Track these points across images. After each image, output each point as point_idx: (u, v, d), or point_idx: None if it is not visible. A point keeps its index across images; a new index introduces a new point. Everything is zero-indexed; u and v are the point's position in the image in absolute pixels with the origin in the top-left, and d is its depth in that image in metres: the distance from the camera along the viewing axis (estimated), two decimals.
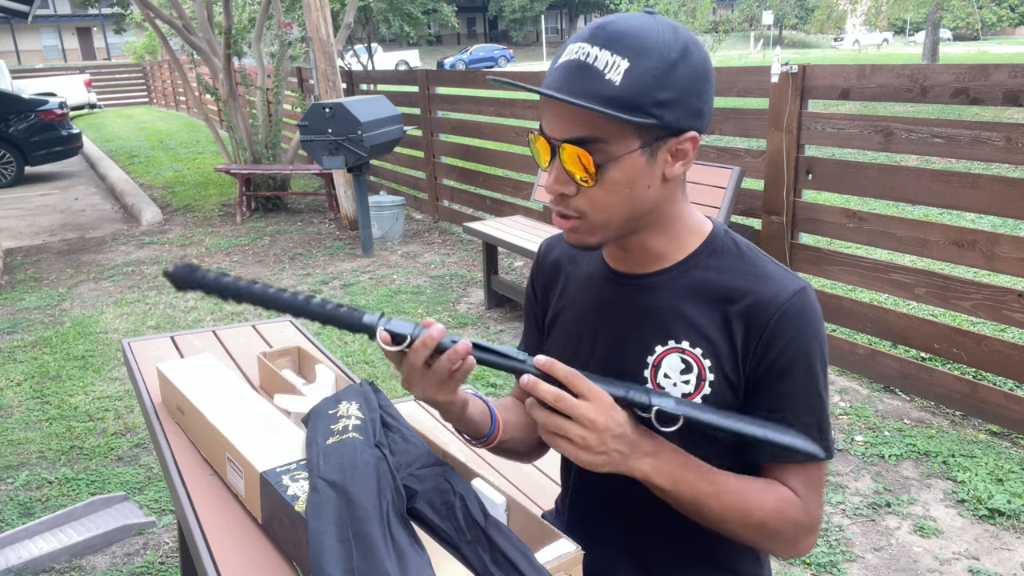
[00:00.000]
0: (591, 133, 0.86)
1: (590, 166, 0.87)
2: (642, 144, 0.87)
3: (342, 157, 5.21)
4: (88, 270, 5.72)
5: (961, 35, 38.28)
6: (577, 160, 0.87)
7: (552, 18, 49.61)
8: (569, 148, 0.87)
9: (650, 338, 0.98)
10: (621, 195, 0.90)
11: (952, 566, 2.24)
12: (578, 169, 0.88)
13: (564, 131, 0.87)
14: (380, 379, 3.57)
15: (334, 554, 0.91)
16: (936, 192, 2.98)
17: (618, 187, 0.89)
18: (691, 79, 0.87)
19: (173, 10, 7.83)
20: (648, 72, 0.84)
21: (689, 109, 0.87)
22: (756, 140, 3.82)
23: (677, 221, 0.98)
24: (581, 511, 1.13)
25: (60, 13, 38.53)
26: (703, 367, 0.96)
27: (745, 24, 34.20)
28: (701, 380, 0.96)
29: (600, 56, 0.84)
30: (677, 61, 0.85)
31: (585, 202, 0.91)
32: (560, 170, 0.90)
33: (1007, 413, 2.85)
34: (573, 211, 0.92)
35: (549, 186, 0.92)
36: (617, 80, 0.83)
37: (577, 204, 0.91)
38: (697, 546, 1.04)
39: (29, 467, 2.94)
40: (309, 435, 1.14)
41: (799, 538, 0.96)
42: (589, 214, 0.91)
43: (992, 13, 25.19)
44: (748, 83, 3.59)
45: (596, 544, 1.07)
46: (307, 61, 6.77)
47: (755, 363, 0.94)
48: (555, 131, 0.89)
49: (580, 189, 0.90)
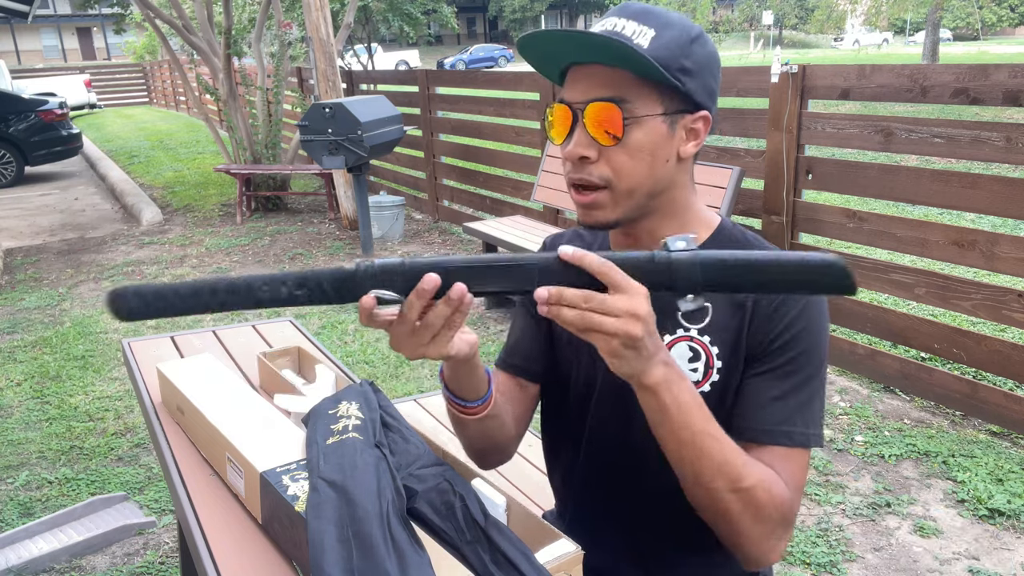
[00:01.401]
0: (617, 93, 0.88)
1: (618, 122, 0.88)
2: (663, 111, 0.90)
3: (342, 157, 5.21)
4: (88, 270, 5.72)
5: (961, 35, 38.28)
6: (603, 117, 0.88)
7: (552, 18, 49.60)
8: (596, 106, 0.89)
9: (659, 327, 0.98)
10: (644, 162, 0.90)
11: (952, 566, 2.24)
12: (604, 127, 0.89)
13: (589, 92, 0.89)
14: (380, 379, 3.57)
15: (334, 554, 0.90)
16: (936, 192, 2.98)
17: (641, 152, 0.90)
18: (707, 58, 0.92)
19: (173, 10, 7.83)
20: (673, 40, 0.89)
21: (704, 86, 0.91)
22: (756, 140, 3.82)
23: (688, 211, 0.99)
24: (582, 511, 1.13)
25: (60, 13, 38.53)
26: (711, 355, 0.96)
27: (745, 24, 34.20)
28: (709, 368, 0.96)
29: (628, 26, 0.89)
30: (696, 39, 0.91)
31: (608, 169, 0.91)
32: (583, 133, 0.90)
33: (1007, 413, 2.85)
34: (598, 178, 0.91)
35: (570, 152, 0.91)
36: (645, 44, 0.88)
37: (601, 171, 0.91)
38: (697, 546, 1.04)
39: (29, 467, 2.94)
40: (309, 435, 1.14)
41: (777, 530, 0.89)
42: (614, 182, 0.91)
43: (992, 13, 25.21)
44: (748, 83, 3.59)
45: (596, 544, 1.07)
46: (307, 61, 6.77)
47: (760, 348, 0.94)
48: (578, 95, 0.90)
49: (602, 153, 0.90)
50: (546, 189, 4.65)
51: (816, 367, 0.94)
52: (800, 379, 0.94)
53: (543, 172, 4.70)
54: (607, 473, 1.08)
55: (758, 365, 0.95)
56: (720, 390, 0.96)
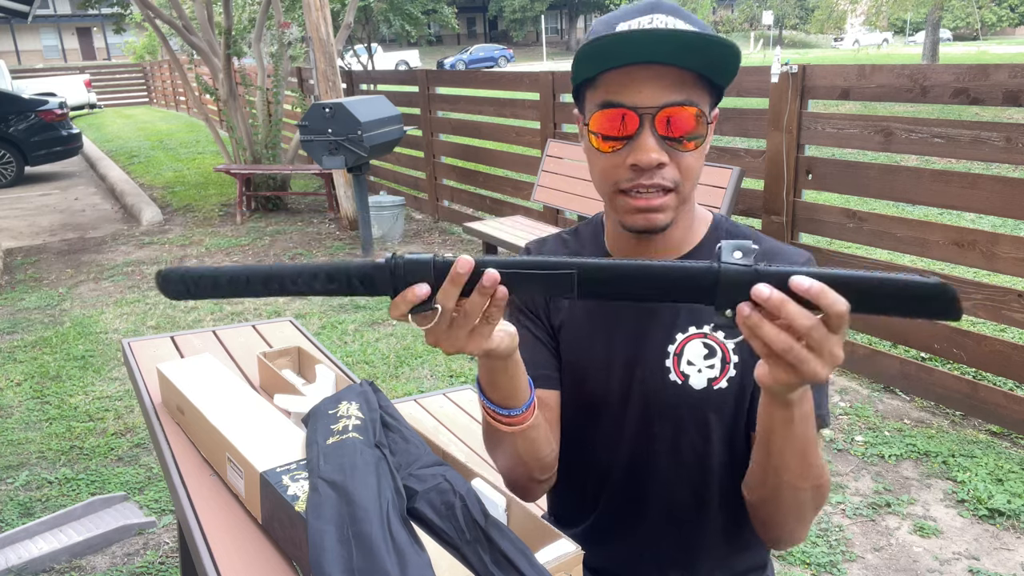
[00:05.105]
0: (689, 96, 0.87)
1: (699, 126, 0.88)
2: (710, 110, 0.90)
3: (342, 157, 5.21)
4: (88, 270, 5.72)
5: (961, 35, 38.28)
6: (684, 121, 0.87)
7: (552, 18, 49.59)
8: (675, 110, 0.86)
9: (671, 326, 0.98)
10: (701, 162, 0.91)
11: (952, 566, 2.24)
12: (685, 131, 0.87)
13: (661, 97, 0.86)
14: (380, 379, 3.57)
15: (334, 554, 0.90)
16: (936, 192, 2.98)
17: (702, 153, 0.91)
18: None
19: (173, 10, 7.82)
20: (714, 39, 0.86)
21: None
22: (756, 140, 3.82)
23: (693, 209, 1.00)
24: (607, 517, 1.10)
25: (60, 13, 38.52)
26: (727, 350, 0.96)
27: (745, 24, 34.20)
28: (726, 363, 0.96)
29: (674, 23, 0.88)
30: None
31: (676, 172, 0.89)
32: (653, 138, 0.87)
33: (1007, 413, 2.85)
34: (671, 182, 0.89)
35: (647, 157, 0.87)
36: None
37: (672, 175, 0.89)
38: (713, 543, 1.04)
39: (29, 467, 2.94)
40: (309, 435, 1.14)
41: (822, 504, 0.92)
42: (682, 184, 0.90)
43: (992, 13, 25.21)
44: (748, 83, 3.59)
45: (617, 546, 1.07)
46: (307, 61, 6.77)
47: None
48: (647, 100, 0.86)
49: (672, 156, 0.89)
50: (546, 189, 4.65)
51: None
52: None
53: (543, 172, 4.69)
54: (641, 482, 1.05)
55: None
56: (737, 387, 0.96)
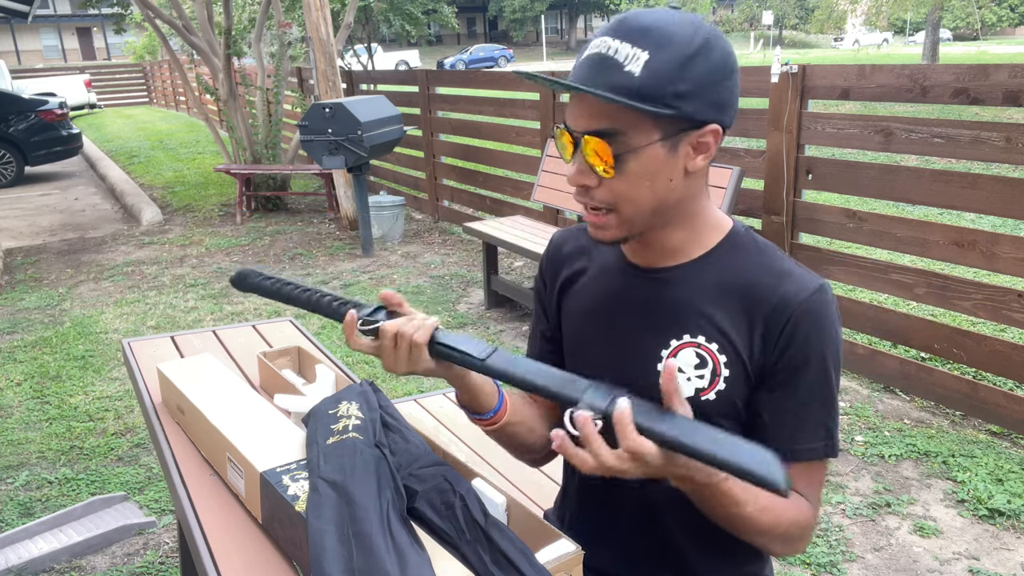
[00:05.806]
0: (611, 125, 0.87)
1: (608, 157, 0.89)
2: (662, 136, 0.88)
3: (342, 157, 5.22)
4: (88, 270, 5.72)
5: (961, 35, 38.29)
6: (598, 150, 0.89)
7: (552, 18, 49.59)
8: (590, 140, 0.89)
9: (665, 331, 0.99)
10: (643, 187, 0.91)
11: (952, 566, 2.24)
12: (598, 161, 0.90)
13: (586, 124, 0.89)
14: (380, 379, 3.57)
15: (334, 554, 0.91)
16: (936, 192, 2.98)
17: (639, 179, 0.90)
18: (710, 72, 0.87)
19: (173, 10, 7.82)
20: (667, 63, 0.85)
21: (709, 101, 0.88)
22: (756, 140, 3.82)
23: (699, 217, 0.99)
24: (586, 510, 1.13)
25: (60, 13, 38.52)
26: (718, 362, 0.96)
27: (745, 24, 34.20)
28: (716, 376, 0.96)
29: (621, 48, 0.86)
30: (696, 54, 0.86)
31: (609, 194, 0.92)
32: (582, 162, 0.91)
33: (1007, 413, 2.85)
34: (600, 203, 0.93)
35: (572, 178, 0.93)
36: (636, 71, 0.85)
37: (602, 196, 0.92)
38: (704, 543, 1.04)
39: (29, 467, 2.94)
40: (309, 435, 1.14)
41: (804, 538, 0.97)
42: (618, 206, 0.92)
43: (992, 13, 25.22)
44: (748, 83, 3.59)
45: (600, 543, 1.07)
46: (307, 61, 6.77)
47: (771, 360, 0.94)
48: (577, 124, 0.90)
49: (602, 181, 0.91)
50: (546, 189, 4.65)
51: (831, 379, 0.95)
52: (818, 392, 0.94)
53: (543, 172, 4.69)
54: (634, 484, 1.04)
55: (771, 380, 0.95)
56: (727, 398, 0.96)
